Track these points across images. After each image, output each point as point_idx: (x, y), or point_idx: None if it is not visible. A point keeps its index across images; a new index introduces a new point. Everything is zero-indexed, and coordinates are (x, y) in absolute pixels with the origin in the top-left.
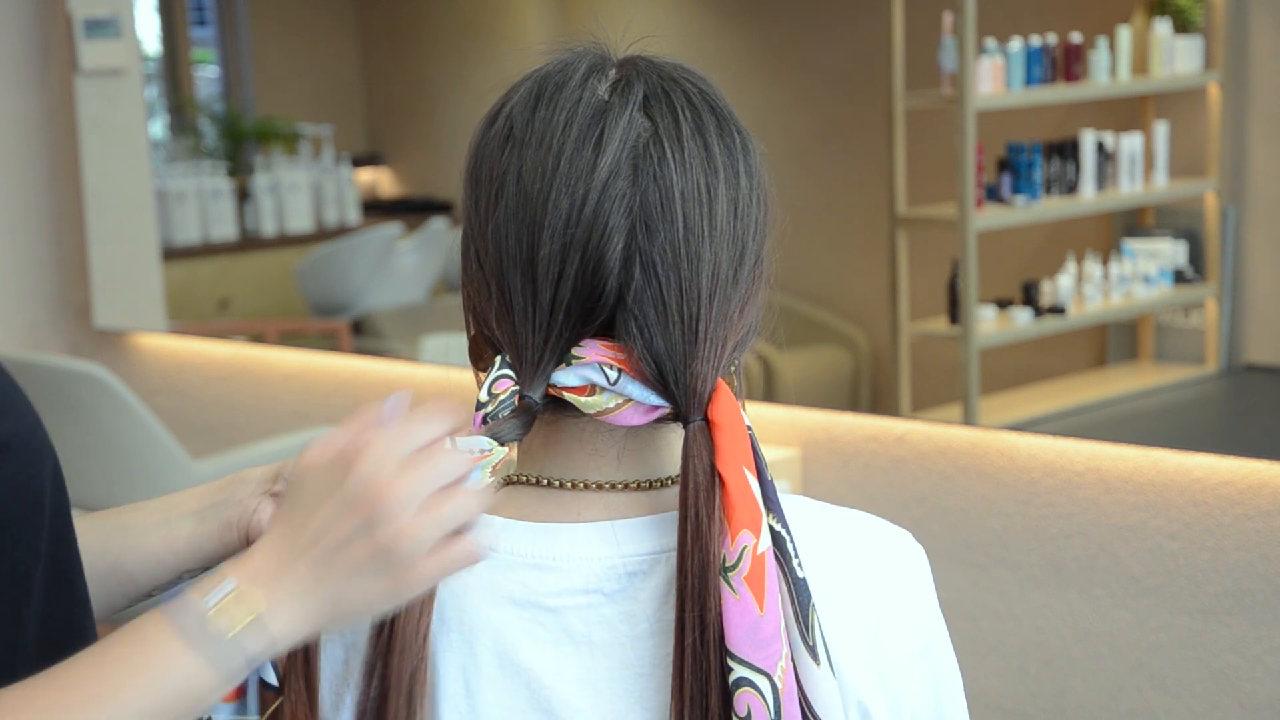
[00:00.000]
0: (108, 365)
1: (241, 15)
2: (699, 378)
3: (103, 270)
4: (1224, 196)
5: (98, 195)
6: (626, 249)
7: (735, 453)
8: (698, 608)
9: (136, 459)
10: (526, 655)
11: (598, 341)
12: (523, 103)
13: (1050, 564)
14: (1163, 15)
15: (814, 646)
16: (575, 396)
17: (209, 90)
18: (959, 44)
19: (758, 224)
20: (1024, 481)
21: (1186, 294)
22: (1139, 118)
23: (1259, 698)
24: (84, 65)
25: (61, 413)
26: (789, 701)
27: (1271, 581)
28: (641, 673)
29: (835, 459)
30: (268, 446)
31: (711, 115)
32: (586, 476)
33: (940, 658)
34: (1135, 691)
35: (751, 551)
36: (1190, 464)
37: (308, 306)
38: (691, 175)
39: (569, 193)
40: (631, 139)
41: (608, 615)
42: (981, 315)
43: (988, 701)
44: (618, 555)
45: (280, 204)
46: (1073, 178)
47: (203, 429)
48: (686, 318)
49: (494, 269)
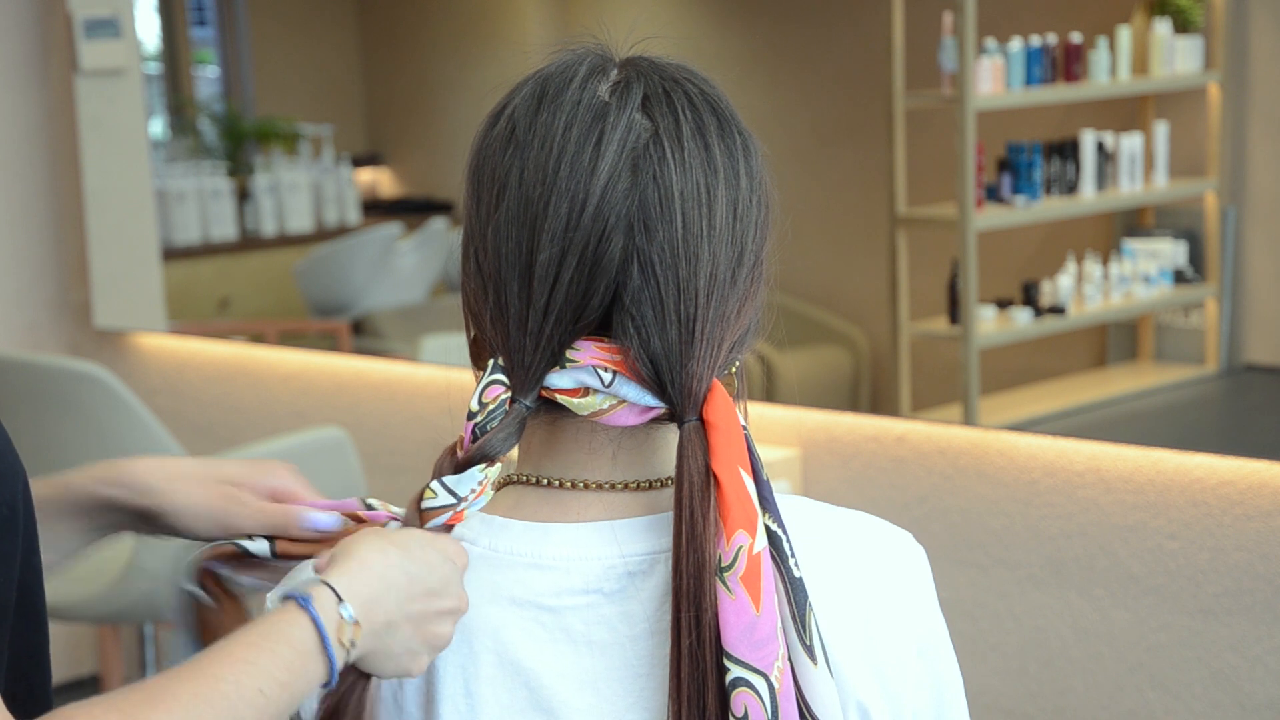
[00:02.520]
0: (108, 365)
1: (241, 15)
2: (695, 378)
3: (103, 270)
4: (1224, 196)
5: (98, 195)
6: (625, 249)
7: (730, 453)
8: (693, 608)
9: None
10: (526, 655)
11: (592, 343)
12: (525, 104)
13: (1050, 564)
14: (1163, 15)
15: (811, 646)
16: (568, 399)
17: (209, 90)
18: (959, 44)
19: (758, 225)
20: (1024, 481)
21: (1186, 294)
22: (1139, 118)
23: (1259, 698)
24: (84, 65)
25: (61, 413)
26: (786, 701)
27: (1271, 581)
28: (640, 673)
29: (835, 459)
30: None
31: (713, 116)
32: (585, 476)
33: (940, 658)
34: (1135, 691)
35: (747, 552)
36: (1190, 464)
37: (308, 306)
38: (691, 175)
39: (569, 197)
40: (631, 140)
41: (607, 615)
42: (981, 315)
43: (988, 701)
44: (618, 555)
45: (280, 204)
46: (1073, 178)
47: (203, 429)
48: (684, 318)
49: (492, 271)
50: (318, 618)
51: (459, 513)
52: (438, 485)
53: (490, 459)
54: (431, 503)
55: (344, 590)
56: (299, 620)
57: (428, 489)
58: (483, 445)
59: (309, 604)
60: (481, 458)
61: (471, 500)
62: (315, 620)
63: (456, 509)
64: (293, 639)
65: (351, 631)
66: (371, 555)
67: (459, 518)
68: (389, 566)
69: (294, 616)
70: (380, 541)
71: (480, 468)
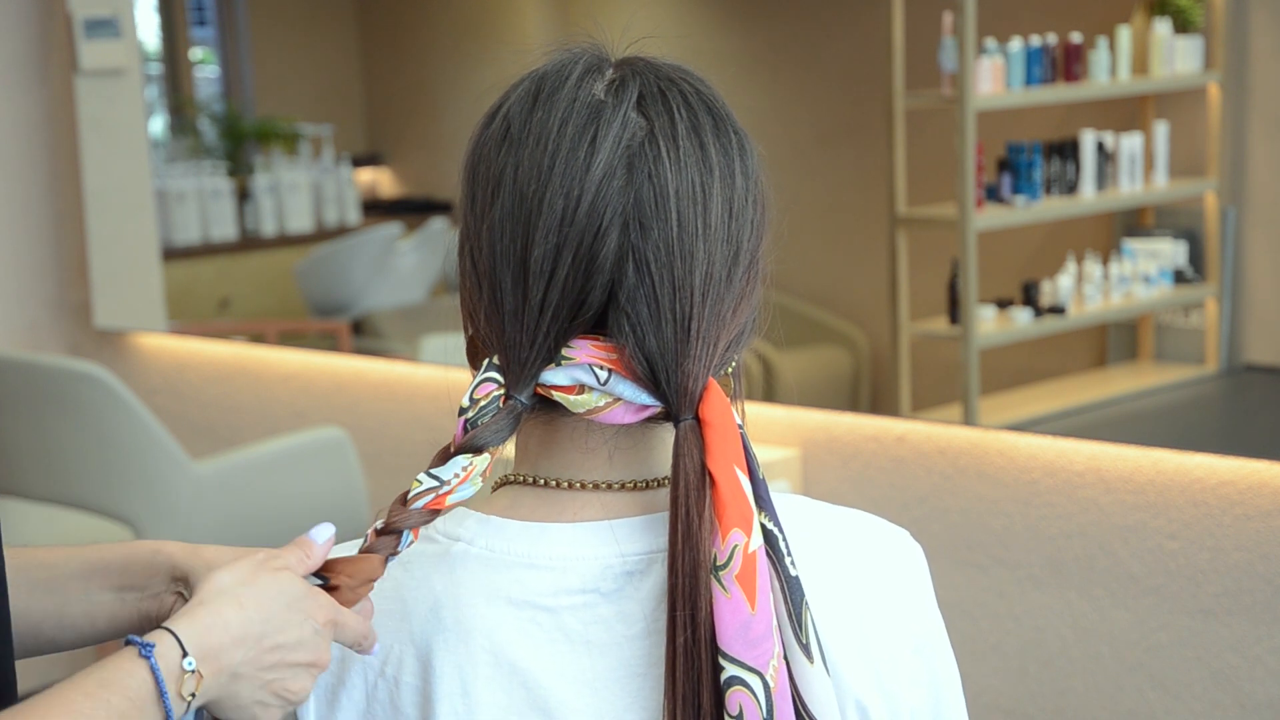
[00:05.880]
0: (108, 365)
1: (241, 15)
2: (690, 376)
3: (103, 270)
4: (1224, 196)
5: (98, 195)
6: (620, 246)
7: (726, 451)
8: (689, 607)
9: (136, 459)
10: (523, 655)
11: (588, 341)
12: (520, 102)
13: (1050, 564)
14: (1163, 15)
15: (808, 645)
16: (564, 396)
17: (209, 90)
18: (959, 44)
19: (753, 224)
20: (1024, 481)
21: (1186, 294)
22: (1139, 118)
23: (1259, 698)
24: (84, 65)
25: (61, 413)
26: (782, 700)
27: (1271, 581)
28: (638, 672)
29: (835, 459)
30: (267, 446)
31: (708, 115)
32: (581, 476)
33: (938, 656)
34: (1135, 691)
35: (742, 550)
36: (1190, 464)
37: (308, 306)
38: (686, 174)
39: (563, 193)
40: (626, 137)
41: (604, 615)
42: (981, 315)
43: (988, 701)
44: (615, 555)
45: (280, 204)
46: (1073, 178)
47: (203, 429)
48: (679, 316)
49: (487, 268)
50: (156, 668)
51: (440, 496)
52: (423, 475)
53: (479, 449)
54: (415, 490)
55: (187, 639)
56: (137, 670)
57: (414, 481)
58: (473, 437)
59: (150, 653)
60: (471, 449)
61: (456, 486)
62: (154, 670)
63: (439, 491)
64: (129, 689)
65: (193, 683)
66: (226, 608)
67: (440, 502)
68: (244, 621)
69: (133, 666)
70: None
71: (466, 456)
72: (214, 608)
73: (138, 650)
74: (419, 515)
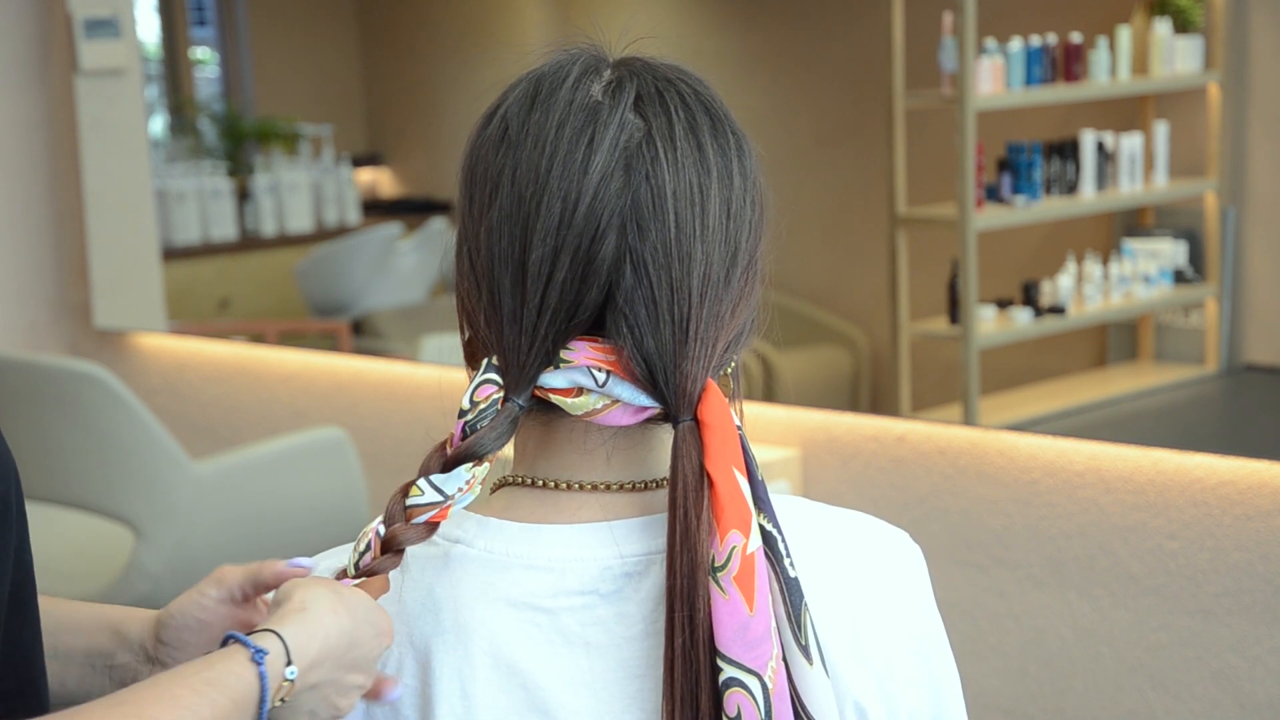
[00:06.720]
0: (108, 365)
1: (241, 15)
2: (689, 378)
3: (103, 270)
4: (1224, 196)
5: (98, 195)
6: (618, 248)
7: (724, 453)
8: (687, 608)
9: (136, 459)
10: (522, 656)
11: (586, 343)
12: (518, 104)
13: (1050, 564)
14: (1163, 15)
15: (806, 646)
16: (562, 398)
17: (209, 90)
18: (959, 44)
19: (751, 225)
20: (1024, 481)
21: (1186, 294)
22: (1139, 118)
23: (1259, 698)
24: (84, 65)
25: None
26: (780, 702)
27: (1271, 581)
28: (637, 673)
29: (835, 459)
30: (267, 447)
31: (706, 116)
32: (580, 477)
33: (937, 657)
34: (1135, 691)
35: (741, 551)
36: (1190, 464)
37: (308, 306)
38: (684, 175)
39: (561, 195)
40: (624, 139)
41: (603, 616)
42: (981, 315)
43: (988, 701)
44: (614, 556)
45: (280, 204)
46: (1073, 178)
47: (203, 429)
48: (677, 317)
49: (485, 270)
50: (265, 678)
51: (443, 509)
52: (424, 483)
53: (479, 457)
54: (418, 500)
55: (294, 649)
56: (246, 674)
57: (414, 486)
58: (473, 443)
59: (262, 661)
60: (471, 455)
61: (459, 498)
62: (263, 680)
63: (442, 506)
64: (235, 691)
65: (286, 691)
66: (325, 615)
67: (443, 515)
68: (339, 631)
69: (243, 670)
70: (333, 600)
71: (468, 466)
72: (315, 615)
73: (249, 654)
74: (421, 531)
